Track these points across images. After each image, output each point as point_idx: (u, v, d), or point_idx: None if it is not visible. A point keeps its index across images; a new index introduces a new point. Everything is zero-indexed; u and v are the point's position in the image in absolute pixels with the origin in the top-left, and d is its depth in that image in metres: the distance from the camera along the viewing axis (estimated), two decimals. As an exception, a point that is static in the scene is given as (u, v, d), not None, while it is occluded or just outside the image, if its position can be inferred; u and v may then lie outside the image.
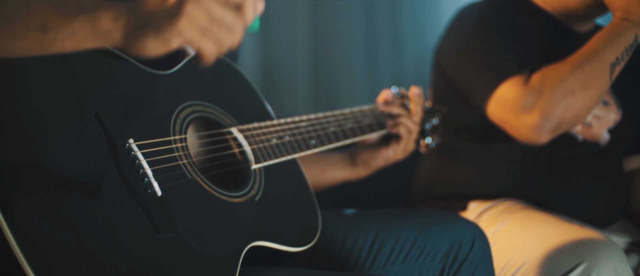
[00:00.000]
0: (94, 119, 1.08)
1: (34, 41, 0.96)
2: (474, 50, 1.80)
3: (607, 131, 1.89)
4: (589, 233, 1.64)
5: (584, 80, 1.65)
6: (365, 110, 1.63)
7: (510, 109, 1.70)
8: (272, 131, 1.37)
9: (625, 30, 1.68)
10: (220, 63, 1.39)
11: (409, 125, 1.66)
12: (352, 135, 1.56)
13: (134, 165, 1.09)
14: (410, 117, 1.67)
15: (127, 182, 1.06)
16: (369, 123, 1.62)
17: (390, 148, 1.67)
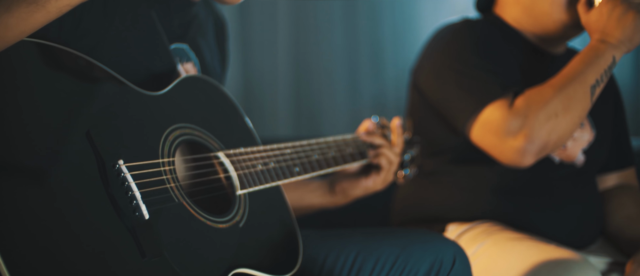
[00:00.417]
0: (85, 138, 1.07)
1: (30, 3, 0.97)
2: (455, 72, 1.81)
3: (582, 152, 1.92)
4: (565, 253, 1.65)
5: (567, 102, 1.68)
6: (348, 139, 1.65)
7: (495, 133, 1.71)
8: (258, 157, 1.37)
9: (603, 52, 1.71)
10: (208, 85, 1.40)
11: (390, 156, 1.67)
12: (335, 163, 1.57)
13: (123, 187, 1.08)
14: (391, 148, 1.69)
15: (115, 204, 1.06)
16: (351, 152, 1.63)
17: (370, 179, 1.68)
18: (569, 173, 1.89)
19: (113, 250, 1.03)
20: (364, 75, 3.71)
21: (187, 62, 1.45)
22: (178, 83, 1.30)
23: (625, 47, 1.72)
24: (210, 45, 1.57)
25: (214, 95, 1.40)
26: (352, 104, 3.69)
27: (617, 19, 1.71)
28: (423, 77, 1.92)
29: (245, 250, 1.24)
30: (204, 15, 1.54)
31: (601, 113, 1.97)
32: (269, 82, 3.64)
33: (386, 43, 3.74)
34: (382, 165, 1.67)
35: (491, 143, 1.73)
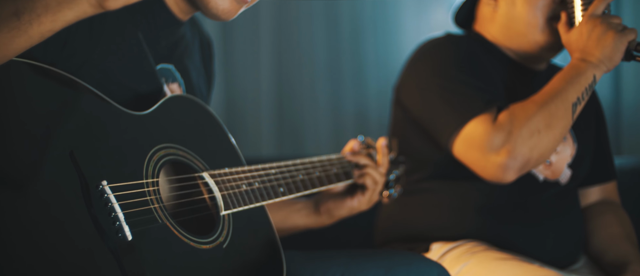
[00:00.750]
0: (68, 158, 1.07)
1: (11, 28, 0.97)
2: (438, 87, 1.81)
3: (567, 166, 1.93)
4: (549, 273, 1.66)
5: (549, 119, 1.69)
6: (333, 159, 1.65)
7: (478, 148, 1.72)
8: (242, 177, 1.37)
9: (584, 70, 1.73)
10: (193, 105, 1.40)
11: (375, 176, 1.67)
12: (320, 184, 1.57)
13: (107, 208, 1.08)
14: (376, 168, 1.69)
15: (98, 225, 1.05)
16: (336, 172, 1.63)
17: (355, 199, 1.68)
18: (554, 191, 1.90)
19: (95, 271, 1.03)
20: (347, 93, 3.72)
21: (173, 82, 1.45)
22: (163, 103, 1.30)
23: (605, 66, 1.74)
24: (196, 65, 1.57)
25: (199, 115, 1.40)
26: (335, 122, 3.69)
27: (597, 39, 1.73)
28: (406, 93, 1.93)
29: (229, 271, 1.24)
30: (190, 35, 1.55)
31: (583, 128, 1.99)
32: (252, 101, 3.64)
33: (368, 60, 3.75)
34: (368, 185, 1.67)
35: (474, 159, 1.74)
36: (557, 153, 1.91)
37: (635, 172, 2.68)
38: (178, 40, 1.48)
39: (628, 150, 3.71)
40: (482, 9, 1.97)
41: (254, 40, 3.65)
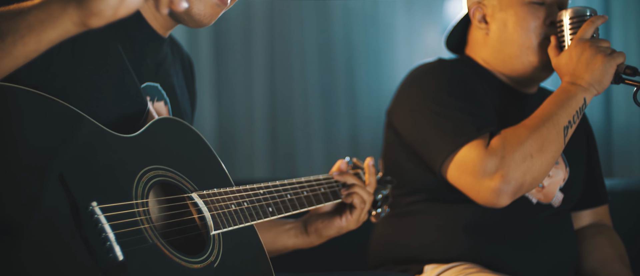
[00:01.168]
0: (58, 181, 1.07)
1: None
2: (431, 112, 1.83)
3: (559, 190, 1.94)
4: None
5: (541, 143, 1.70)
6: (321, 179, 1.66)
7: (471, 173, 1.73)
8: (231, 197, 1.37)
9: (574, 94, 1.75)
10: (181, 127, 1.40)
11: (363, 196, 1.68)
12: (308, 203, 1.58)
13: (97, 228, 1.08)
14: (364, 188, 1.70)
15: (89, 245, 1.06)
16: (323, 192, 1.64)
17: (343, 218, 1.68)
18: (547, 214, 1.91)
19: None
20: (340, 117, 3.72)
21: (159, 100, 1.46)
22: (151, 125, 1.31)
23: (595, 89, 1.76)
24: (180, 84, 1.58)
25: (187, 137, 1.41)
26: (327, 145, 3.69)
27: (587, 63, 1.74)
28: (398, 117, 1.94)
29: (219, 291, 1.24)
30: (171, 55, 1.56)
31: (575, 152, 2.00)
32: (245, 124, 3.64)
33: (361, 84, 3.76)
34: (355, 204, 1.68)
35: (467, 184, 1.75)
36: (550, 177, 1.92)
37: (626, 194, 2.69)
38: (162, 59, 1.49)
39: (619, 173, 3.72)
40: (474, 34, 1.99)
41: (247, 62, 3.65)
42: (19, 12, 0.99)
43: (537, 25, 1.87)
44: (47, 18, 0.99)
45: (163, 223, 1.28)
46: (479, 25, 1.96)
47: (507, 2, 1.91)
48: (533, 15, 1.88)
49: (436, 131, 1.81)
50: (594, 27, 1.80)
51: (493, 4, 1.93)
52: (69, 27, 1.00)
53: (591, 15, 1.83)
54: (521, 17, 1.88)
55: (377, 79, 3.75)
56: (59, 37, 1.01)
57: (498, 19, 1.92)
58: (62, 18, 0.99)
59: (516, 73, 1.93)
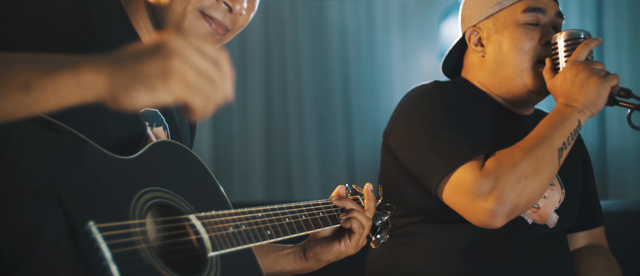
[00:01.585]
0: (55, 201, 1.07)
1: (17, 102, 0.96)
2: (426, 134, 1.84)
3: (554, 211, 1.94)
4: None
5: (536, 165, 1.71)
6: (320, 203, 1.66)
7: (466, 194, 1.73)
8: (229, 220, 1.37)
9: (569, 116, 1.76)
10: (180, 150, 1.41)
11: (362, 220, 1.68)
12: (306, 227, 1.58)
13: (93, 248, 1.08)
14: (363, 213, 1.70)
15: (86, 265, 1.05)
16: (322, 216, 1.64)
17: (342, 243, 1.68)
18: (542, 234, 1.91)
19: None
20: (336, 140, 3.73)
21: (158, 125, 1.47)
22: (150, 148, 1.31)
23: (589, 111, 1.77)
24: (179, 110, 1.58)
25: (186, 160, 1.41)
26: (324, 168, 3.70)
27: (581, 85, 1.76)
28: (395, 139, 1.95)
29: (217, 312, 1.24)
30: None
31: (570, 174, 2.01)
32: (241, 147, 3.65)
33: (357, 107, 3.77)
34: (354, 229, 1.68)
35: (463, 205, 1.75)
36: (546, 199, 1.92)
37: (621, 215, 2.70)
38: None
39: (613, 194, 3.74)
40: (470, 57, 2.01)
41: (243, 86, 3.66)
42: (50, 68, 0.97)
43: (532, 46, 1.89)
44: (75, 87, 0.97)
45: (160, 244, 1.28)
46: (475, 48, 1.98)
47: (502, 24, 1.93)
48: (528, 35, 1.90)
49: (432, 153, 1.81)
50: (588, 50, 1.82)
51: (488, 27, 1.95)
52: (92, 100, 0.99)
53: (585, 38, 1.85)
54: (516, 37, 1.90)
55: (373, 102, 3.77)
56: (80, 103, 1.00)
57: (494, 42, 1.93)
58: (89, 92, 0.98)
59: (512, 95, 1.94)
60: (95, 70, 0.96)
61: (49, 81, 0.96)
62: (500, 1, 1.96)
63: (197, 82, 0.99)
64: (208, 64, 1.00)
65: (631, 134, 3.72)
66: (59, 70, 0.97)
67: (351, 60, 3.76)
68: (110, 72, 0.97)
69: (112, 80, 0.96)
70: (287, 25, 3.70)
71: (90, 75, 0.96)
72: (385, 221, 1.84)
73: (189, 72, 0.98)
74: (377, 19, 3.80)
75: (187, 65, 0.98)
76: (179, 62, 0.97)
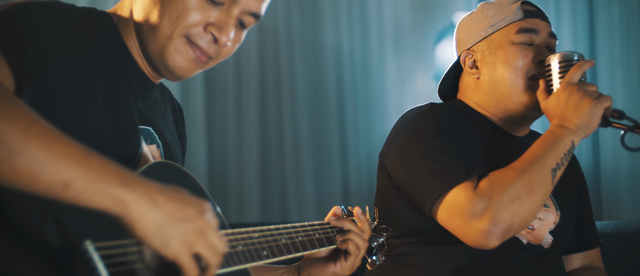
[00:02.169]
0: (52, 220, 1.08)
1: (51, 193, 1.03)
2: (421, 155, 1.84)
3: (549, 233, 1.94)
4: None
5: (529, 185, 1.71)
6: (316, 224, 1.66)
7: (460, 215, 1.73)
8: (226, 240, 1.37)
9: (562, 136, 1.77)
10: (176, 170, 1.41)
11: (358, 242, 1.68)
12: (302, 248, 1.58)
13: (89, 267, 1.08)
14: (359, 234, 1.70)
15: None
16: (318, 237, 1.64)
17: (338, 264, 1.68)
18: (537, 255, 1.92)
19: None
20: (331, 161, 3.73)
21: (152, 143, 1.47)
22: (148, 168, 1.32)
23: (583, 132, 1.78)
24: (170, 129, 1.59)
25: (183, 180, 1.41)
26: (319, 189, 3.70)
27: (574, 106, 1.77)
28: (390, 160, 1.95)
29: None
30: (162, 101, 1.58)
31: (565, 195, 2.01)
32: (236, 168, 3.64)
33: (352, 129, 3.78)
34: (350, 250, 1.68)
35: (457, 225, 1.75)
36: (541, 220, 1.93)
37: (616, 236, 2.71)
38: (152, 103, 1.50)
39: (608, 215, 3.74)
40: (466, 80, 2.03)
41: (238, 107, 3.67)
42: (94, 180, 1.05)
43: (526, 63, 1.91)
44: (84, 190, 1.04)
45: (157, 264, 1.28)
46: (470, 71, 2.00)
47: (495, 45, 1.95)
48: (521, 53, 1.92)
49: (426, 174, 1.82)
50: (582, 71, 1.83)
51: (482, 49, 1.97)
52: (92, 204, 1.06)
53: (579, 60, 1.86)
54: (510, 55, 1.92)
55: (367, 124, 3.78)
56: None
57: (488, 63, 1.95)
58: (96, 200, 1.06)
59: (509, 113, 1.96)
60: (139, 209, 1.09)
61: (89, 192, 1.05)
62: (493, 24, 1.98)
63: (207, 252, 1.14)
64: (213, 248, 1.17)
65: (625, 155, 3.73)
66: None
67: (346, 82, 3.77)
68: (142, 204, 1.09)
69: (140, 210, 1.08)
70: (282, 46, 3.72)
71: (136, 211, 1.09)
72: (381, 243, 1.84)
73: (201, 247, 1.14)
74: (372, 40, 3.83)
75: (202, 244, 1.14)
76: (198, 239, 1.13)
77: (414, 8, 3.96)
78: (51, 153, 1.03)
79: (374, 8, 3.84)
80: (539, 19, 1.99)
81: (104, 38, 1.38)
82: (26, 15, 1.24)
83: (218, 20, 1.41)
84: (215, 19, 1.40)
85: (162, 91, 1.62)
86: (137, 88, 1.45)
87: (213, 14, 1.40)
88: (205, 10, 1.39)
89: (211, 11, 1.40)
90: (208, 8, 1.39)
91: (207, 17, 1.40)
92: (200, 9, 1.39)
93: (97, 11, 1.42)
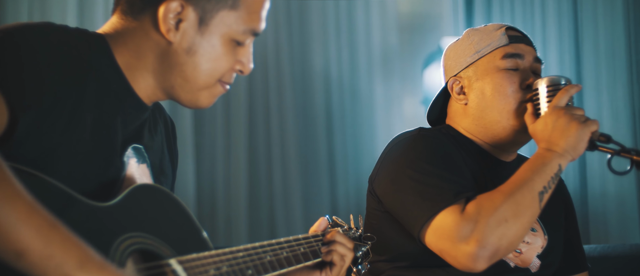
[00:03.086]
0: None
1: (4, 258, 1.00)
2: (410, 179, 1.84)
3: (536, 257, 1.94)
4: None
5: (516, 208, 1.71)
6: (300, 238, 1.65)
7: (448, 238, 1.73)
8: (210, 262, 1.36)
9: (549, 160, 1.77)
10: (159, 193, 1.40)
11: (342, 252, 1.69)
12: (288, 264, 1.57)
13: None
14: (343, 244, 1.70)
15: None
16: (303, 251, 1.63)
17: (323, 274, 1.68)
18: (523, 275, 1.91)
19: None
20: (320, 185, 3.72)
21: (142, 163, 1.46)
22: (130, 192, 1.31)
23: (570, 156, 1.78)
24: (161, 146, 1.59)
25: (165, 203, 1.40)
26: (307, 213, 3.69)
27: (562, 130, 1.78)
28: (380, 184, 1.95)
29: None
30: (154, 117, 1.57)
31: (552, 219, 2.01)
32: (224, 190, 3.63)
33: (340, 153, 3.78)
34: (335, 261, 1.68)
35: (444, 248, 1.75)
36: (528, 244, 1.93)
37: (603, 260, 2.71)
38: (144, 122, 1.50)
39: (595, 239, 3.75)
40: (454, 106, 2.04)
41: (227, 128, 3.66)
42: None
43: (514, 90, 1.92)
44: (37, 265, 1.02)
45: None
46: (457, 97, 2.01)
47: (482, 71, 1.96)
48: (509, 80, 1.93)
49: (415, 197, 1.82)
50: (569, 96, 1.84)
51: (469, 75, 1.99)
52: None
53: (566, 84, 1.87)
54: (498, 82, 1.93)
55: (356, 148, 3.78)
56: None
57: (476, 89, 1.96)
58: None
59: (497, 138, 1.96)
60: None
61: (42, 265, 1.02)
62: (479, 50, 1.99)
63: None
64: None
65: (612, 179, 3.75)
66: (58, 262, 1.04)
67: (335, 106, 3.78)
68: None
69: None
70: (271, 71, 3.72)
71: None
72: (365, 251, 1.84)
73: None
74: (361, 65, 3.84)
75: None
76: None
77: (402, 33, 3.98)
78: (11, 218, 1.01)
79: (363, 33, 3.86)
80: (523, 44, 2.00)
81: (98, 62, 1.37)
82: (23, 40, 1.24)
83: (243, 56, 1.46)
84: (241, 56, 1.46)
85: (155, 107, 1.61)
86: (130, 112, 1.44)
87: (238, 52, 1.45)
88: (233, 51, 1.44)
89: (237, 49, 1.45)
90: (235, 48, 1.45)
91: (235, 57, 1.45)
92: (230, 53, 1.44)
93: (90, 33, 1.41)
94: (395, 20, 3.95)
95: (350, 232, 1.80)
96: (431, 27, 4.08)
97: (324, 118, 3.75)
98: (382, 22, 3.90)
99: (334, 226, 1.78)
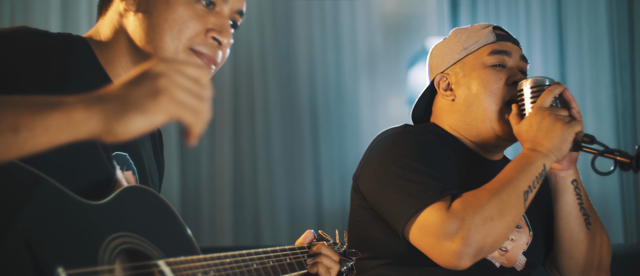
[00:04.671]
0: (23, 247, 1.06)
1: (6, 144, 0.96)
2: (395, 176, 1.84)
3: (522, 254, 1.95)
4: None
5: (502, 207, 1.73)
6: (286, 249, 1.66)
7: (433, 235, 1.74)
8: (198, 265, 1.37)
9: (534, 160, 1.79)
10: (149, 195, 1.40)
11: (328, 264, 1.69)
12: (273, 273, 1.57)
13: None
14: (329, 257, 1.70)
15: (53, 313, 1.04)
16: (289, 262, 1.64)
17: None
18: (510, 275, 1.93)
19: None
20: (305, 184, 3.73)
21: (128, 170, 1.47)
22: (119, 193, 1.31)
23: (554, 156, 1.80)
24: (148, 154, 1.59)
25: (155, 205, 1.41)
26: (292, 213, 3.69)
27: (546, 130, 1.80)
28: (364, 181, 1.96)
29: None
30: None
31: (535, 216, 2.03)
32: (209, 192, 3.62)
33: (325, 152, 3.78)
34: (320, 273, 1.68)
35: (429, 245, 1.76)
36: (513, 241, 1.94)
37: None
38: None
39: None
40: (440, 102, 2.04)
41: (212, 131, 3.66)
42: (38, 108, 0.98)
43: (500, 87, 1.94)
44: (66, 125, 0.98)
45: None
46: (444, 93, 2.01)
47: (469, 68, 1.97)
48: (495, 76, 1.95)
49: (399, 194, 1.82)
50: (553, 96, 1.86)
51: (456, 72, 2.00)
52: (85, 137, 1.00)
53: (550, 84, 1.89)
54: (484, 78, 1.95)
55: (341, 148, 3.78)
56: (72, 141, 1.00)
57: (463, 84, 1.98)
58: (81, 129, 0.99)
59: (481, 138, 1.97)
60: (86, 108, 0.98)
61: (39, 121, 0.96)
62: (466, 47, 2.01)
63: (186, 98, 1.02)
64: (192, 82, 1.03)
65: (595, 179, 3.78)
66: (48, 110, 0.97)
67: (320, 106, 3.79)
68: (100, 105, 0.98)
69: (104, 113, 0.98)
70: (256, 71, 3.72)
71: (82, 112, 0.97)
72: (350, 267, 1.84)
73: (177, 90, 1.01)
74: (346, 65, 3.85)
75: (173, 84, 1.00)
76: (166, 81, 1.00)
77: (387, 33, 4.00)
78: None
79: (348, 33, 3.87)
80: (510, 42, 2.02)
81: (81, 65, 1.37)
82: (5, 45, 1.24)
83: (216, 24, 1.42)
84: (213, 24, 1.42)
85: None
86: None
87: (210, 19, 1.42)
88: (202, 17, 1.41)
89: (207, 17, 1.42)
90: (204, 14, 1.41)
91: (205, 23, 1.42)
92: (197, 17, 1.40)
93: (73, 37, 1.41)
94: (380, 20, 3.96)
95: (335, 247, 1.81)
96: (416, 28, 4.10)
97: (309, 118, 3.75)
98: (367, 22, 3.92)
99: (319, 240, 1.79)
